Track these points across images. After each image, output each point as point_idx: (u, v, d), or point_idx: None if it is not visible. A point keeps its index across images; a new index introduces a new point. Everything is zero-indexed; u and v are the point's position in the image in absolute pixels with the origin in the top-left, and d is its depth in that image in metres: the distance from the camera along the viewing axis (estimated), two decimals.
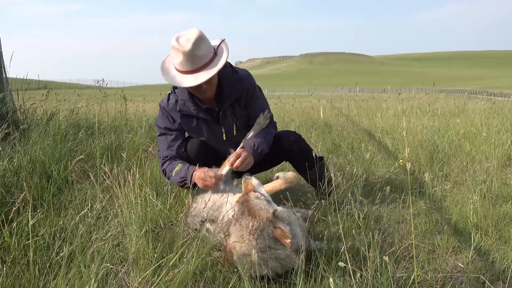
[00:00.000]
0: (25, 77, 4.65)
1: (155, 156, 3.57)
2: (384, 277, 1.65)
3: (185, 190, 2.57)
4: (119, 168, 2.56)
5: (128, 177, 2.28)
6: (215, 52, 2.43)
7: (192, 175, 2.40)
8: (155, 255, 1.81)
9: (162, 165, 2.61)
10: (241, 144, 2.57)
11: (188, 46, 2.28)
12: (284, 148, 2.71)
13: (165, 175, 2.59)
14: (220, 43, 2.48)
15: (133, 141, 3.99)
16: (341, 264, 1.56)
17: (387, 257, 1.66)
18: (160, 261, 1.77)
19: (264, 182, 2.78)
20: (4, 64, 4.14)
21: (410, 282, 1.70)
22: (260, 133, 2.65)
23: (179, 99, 2.60)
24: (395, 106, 8.85)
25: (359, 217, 1.92)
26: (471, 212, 2.42)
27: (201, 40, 2.32)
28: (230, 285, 1.69)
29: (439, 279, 1.83)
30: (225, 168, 2.44)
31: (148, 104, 9.88)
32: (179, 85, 2.39)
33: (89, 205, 2.28)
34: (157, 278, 1.65)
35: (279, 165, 3.22)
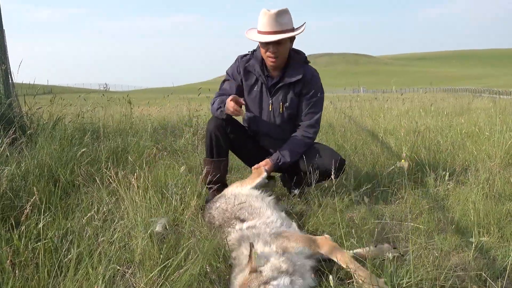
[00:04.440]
0: (30, 83, 4.72)
1: (160, 159, 3.62)
2: (386, 275, 1.67)
3: (188, 191, 2.61)
4: (124, 171, 2.60)
5: (133, 180, 2.32)
6: (293, 29, 2.81)
7: (225, 102, 2.72)
8: (161, 256, 1.85)
9: (212, 103, 2.92)
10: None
11: (274, 11, 2.72)
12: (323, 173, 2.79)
13: (212, 108, 2.92)
14: (301, 26, 2.85)
15: (138, 145, 4.03)
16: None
17: (391, 254, 1.69)
18: (166, 262, 1.80)
19: None
20: (11, 70, 4.21)
21: (412, 280, 1.72)
22: (288, 144, 2.87)
23: (252, 59, 2.93)
24: (398, 106, 8.85)
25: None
26: (471, 212, 2.43)
27: (285, 12, 2.76)
28: None
29: (441, 277, 1.84)
30: (257, 181, 2.67)
31: (153, 107, 9.93)
32: (256, 39, 2.79)
33: (96, 208, 2.32)
34: (163, 279, 1.69)
35: None
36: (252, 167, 2.85)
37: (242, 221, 2.20)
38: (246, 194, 2.47)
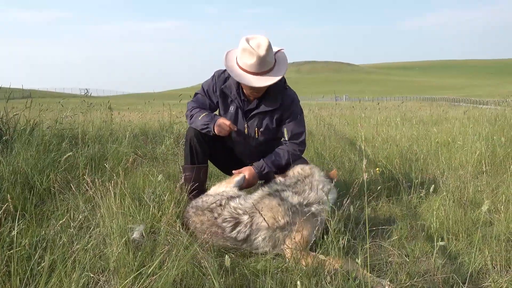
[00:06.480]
0: (8, 86, 4.64)
1: (139, 166, 3.61)
2: (356, 281, 1.72)
3: (166, 199, 2.62)
4: (102, 179, 2.60)
5: (110, 187, 2.32)
6: (275, 59, 2.72)
7: (215, 122, 2.72)
8: (136, 264, 1.85)
9: (191, 110, 2.91)
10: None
11: (262, 51, 2.60)
12: None
13: (190, 118, 2.89)
14: (277, 52, 2.77)
15: (117, 151, 4.01)
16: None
17: (359, 259, 1.74)
18: (141, 269, 1.80)
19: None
20: None
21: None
22: (273, 154, 2.87)
23: (229, 78, 2.86)
24: (376, 115, 9.02)
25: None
26: (435, 220, 2.51)
27: (270, 47, 2.66)
28: None
29: (410, 284, 1.90)
30: (235, 179, 2.71)
31: (134, 113, 9.87)
32: (248, 84, 2.65)
33: (71, 215, 2.31)
34: (137, 286, 1.69)
35: None
36: (233, 171, 2.85)
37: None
38: (221, 192, 2.54)
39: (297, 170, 2.54)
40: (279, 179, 2.51)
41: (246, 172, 2.79)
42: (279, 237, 2.19)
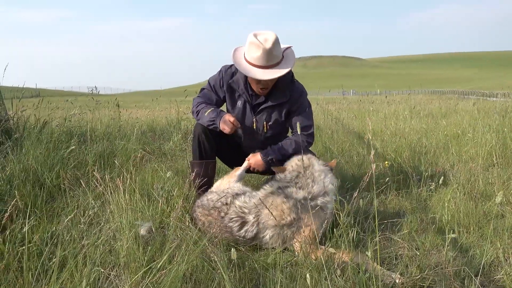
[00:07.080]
0: (17, 86, 4.68)
1: (147, 162, 3.62)
2: (366, 275, 1.71)
3: (175, 194, 2.63)
4: (111, 175, 2.61)
5: (119, 183, 2.34)
6: (282, 55, 2.72)
7: (221, 118, 2.72)
8: (145, 259, 1.86)
9: (196, 106, 2.90)
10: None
11: (268, 44, 2.61)
12: None
13: (197, 115, 2.89)
14: (286, 49, 2.77)
15: (125, 148, 4.03)
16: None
17: (369, 252, 1.73)
18: (151, 264, 1.81)
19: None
20: None
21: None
22: (280, 143, 2.85)
23: (237, 73, 2.86)
24: (385, 108, 8.95)
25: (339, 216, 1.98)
26: (446, 212, 2.48)
27: (277, 42, 2.66)
28: None
29: (421, 276, 1.89)
30: (236, 173, 2.74)
31: (141, 110, 9.90)
32: (254, 76, 2.65)
33: (81, 211, 2.33)
34: (147, 280, 1.70)
35: None
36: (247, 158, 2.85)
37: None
38: (226, 188, 2.54)
39: (294, 162, 2.51)
40: (279, 175, 2.48)
41: (251, 157, 2.80)
42: (287, 234, 2.19)
